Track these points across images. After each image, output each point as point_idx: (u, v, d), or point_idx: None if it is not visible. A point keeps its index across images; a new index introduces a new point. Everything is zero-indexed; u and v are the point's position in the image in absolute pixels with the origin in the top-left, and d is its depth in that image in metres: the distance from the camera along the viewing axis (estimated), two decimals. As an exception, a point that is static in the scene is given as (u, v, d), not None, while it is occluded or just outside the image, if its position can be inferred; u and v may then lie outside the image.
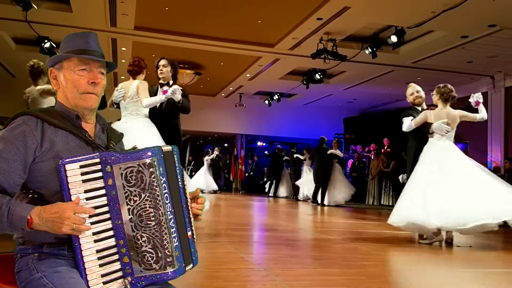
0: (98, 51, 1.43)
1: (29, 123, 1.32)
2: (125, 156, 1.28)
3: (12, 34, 10.26)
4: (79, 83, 1.39)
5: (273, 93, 15.19)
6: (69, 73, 1.40)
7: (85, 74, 1.39)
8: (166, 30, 9.49)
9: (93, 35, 1.46)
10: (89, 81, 1.39)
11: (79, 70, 1.39)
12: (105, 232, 1.28)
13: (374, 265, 3.70)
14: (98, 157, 1.28)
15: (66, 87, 1.40)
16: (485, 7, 7.30)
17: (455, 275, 3.39)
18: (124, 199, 1.27)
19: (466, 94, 13.54)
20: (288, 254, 3.97)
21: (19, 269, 1.32)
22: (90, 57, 1.39)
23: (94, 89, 1.40)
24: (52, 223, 1.21)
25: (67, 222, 1.20)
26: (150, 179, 1.27)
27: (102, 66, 1.43)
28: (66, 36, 1.47)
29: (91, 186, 1.27)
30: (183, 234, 1.36)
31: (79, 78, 1.39)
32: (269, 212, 9.40)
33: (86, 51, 1.40)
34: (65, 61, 1.41)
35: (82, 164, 1.27)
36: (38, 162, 1.32)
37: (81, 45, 1.41)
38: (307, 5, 7.86)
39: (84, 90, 1.39)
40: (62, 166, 1.25)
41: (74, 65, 1.39)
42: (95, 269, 1.26)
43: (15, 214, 1.22)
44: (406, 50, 9.88)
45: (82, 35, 1.44)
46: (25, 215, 1.22)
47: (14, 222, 1.22)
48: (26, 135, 1.30)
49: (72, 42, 1.43)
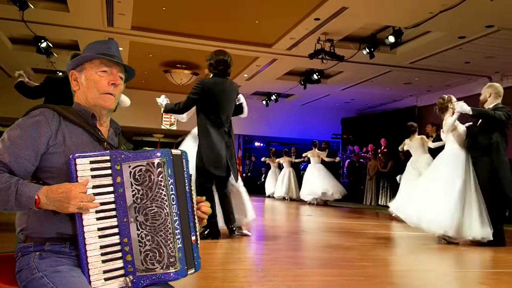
0: (119, 57, 1.50)
1: (46, 114, 1.37)
2: (134, 155, 1.31)
3: (8, 33, 10.21)
4: (100, 83, 1.45)
5: (271, 93, 15.18)
6: (90, 74, 1.46)
7: (105, 76, 1.46)
8: (163, 30, 9.47)
9: (114, 42, 1.54)
10: (109, 82, 1.45)
11: (101, 71, 1.46)
12: (110, 229, 1.29)
13: (372, 265, 3.69)
14: (108, 155, 1.31)
15: (87, 87, 1.46)
16: (483, 8, 7.31)
17: (454, 275, 3.38)
18: (131, 197, 1.29)
19: (463, 94, 13.59)
20: (286, 255, 3.96)
21: (20, 268, 1.32)
22: (112, 59, 1.46)
23: (114, 90, 1.46)
24: (59, 202, 1.23)
25: (74, 202, 1.22)
26: (158, 179, 1.29)
27: (121, 71, 1.50)
28: (88, 43, 1.54)
29: (100, 182, 1.29)
30: (187, 237, 1.37)
31: (100, 78, 1.45)
32: (267, 212, 9.39)
33: (108, 55, 1.47)
34: (87, 63, 1.47)
35: (92, 159, 1.29)
36: (50, 153, 1.35)
37: (104, 50, 1.48)
38: (304, 6, 7.85)
39: (104, 91, 1.45)
40: (72, 160, 1.28)
41: (96, 66, 1.46)
42: (98, 265, 1.27)
43: (23, 194, 1.25)
44: (404, 50, 9.89)
45: (105, 42, 1.53)
46: (32, 195, 1.24)
47: (22, 202, 1.25)
48: (41, 124, 1.35)
49: (96, 47, 1.51)
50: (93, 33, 9.27)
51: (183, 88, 14.10)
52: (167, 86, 14.14)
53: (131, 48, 10.67)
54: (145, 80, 14.11)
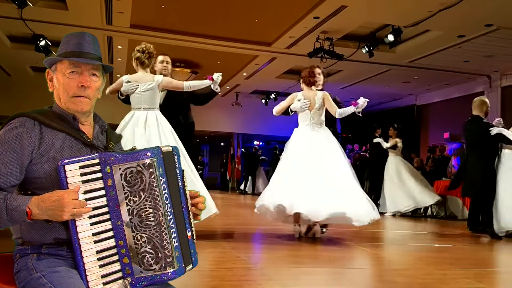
0: (92, 52, 1.41)
1: (26, 125, 1.32)
2: (124, 156, 1.28)
3: (7, 32, 10.19)
4: (69, 86, 1.38)
5: (270, 92, 15.17)
6: (61, 76, 1.39)
7: (75, 77, 1.38)
8: (163, 28, 9.45)
9: (87, 35, 1.43)
10: (78, 84, 1.37)
11: (70, 73, 1.38)
12: (105, 233, 1.28)
13: (371, 264, 3.70)
14: (97, 158, 1.29)
15: (59, 89, 1.40)
16: (482, 7, 7.30)
17: (453, 274, 3.38)
18: (123, 200, 1.28)
19: (462, 93, 13.59)
20: (285, 254, 3.95)
21: (18, 269, 1.32)
22: (78, 60, 1.37)
23: (85, 92, 1.38)
24: (52, 211, 1.21)
25: (67, 209, 1.20)
26: (150, 179, 1.27)
27: (94, 68, 1.40)
28: (65, 35, 1.45)
29: (91, 186, 1.27)
30: (182, 234, 1.36)
31: (69, 81, 1.38)
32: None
33: (77, 53, 1.38)
34: (59, 63, 1.40)
35: (81, 164, 1.27)
36: (35, 164, 1.31)
37: (74, 47, 1.39)
38: (304, 4, 7.85)
39: (74, 94, 1.38)
40: (62, 167, 1.25)
41: (65, 67, 1.38)
42: (95, 270, 1.26)
43: (13, 208, 1.22)
44: (403, 49, 9.89)
45: (76, 36, 1.42)
46: (23, 208, 1.21)
47: (14, 216, 1.22)
48: (22, 136, 1.30)
49: (66, 43, 1.42)
50: (91, 31, 9.12)
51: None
52: (166, 84, 14.12)
53: (130, 47, 10.64)
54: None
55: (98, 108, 1.48)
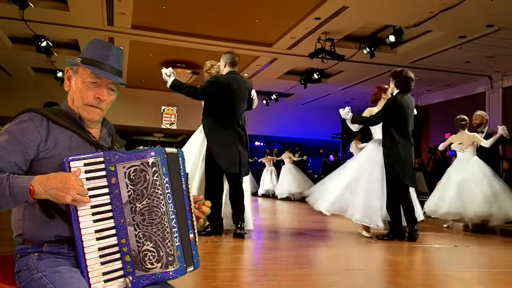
0: (115, 67, 1.44)
1: (34, 119, 1.34)
2: (128, 155, 1.30)
3: (8, 33, 10.20)
4: (86, 94, 1.41)
5: (271, 92, 15.17)
6: (80, 82, 1.42)
7: (93, 87, 1.41)
8: (164, 29, 9.46)
9: (115, 48, 1.46)
10: (95, 95, 1.41)
11: (90, 82, 1.40)
12: (107, 231, 1.29)
13: (372, 264, 3.69)
14: (102, 156, 1.30)
15: (75, 93, 1.43)
16: (483, 7, 7.30)
17: (453, 275, 3.38)
18: (127, 198, 1.29)
19: (464, 94, 13.58)
20: (286, 254, 3.95)
21: (19, 269, 1.31)
22: (102, 74, 1.40)
23: (99, 104, 1.42)
24: (56, 191, 1.21)
25: (72, 192, 1.21)
26: (153, 178, 1.28)
27: (114, 83, 1.44)
28: (93, 39, 1.48)
29: (95, 184, 1.28)
30: (185, 235, 1.37)
31: (87, 89, 1.41)
32: (265, 211, 9.38)
33: (100, 65, 1.40)
34: (81, 67, 1.42)
35: (86, 162, 1.29)
36: (41, 159, 1.33)
37: (99, 57, 1.42)
38: (305, 5, 7.85)
39: (88, 103, 1.41)
40: (66, 163, 1.27)
41: (87, 75, 1.41)
42: (97, 267, 1.26)
43: (16, 186, 1.22)
44: (404, 50, 9.88)
45: (105, 47, 1.45)
46: (26, 185, 1.22)
47: (16, 194, 1.22)
48: (30, 130, 1.32)
49: (93, 49, 1.44)
50: (93, 32, 9.25)
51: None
52: (167, 85, 14.13)
53: (131, 47, 10.66)
54: (145, 79, 14.10)
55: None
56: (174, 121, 16.49)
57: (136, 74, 13.36)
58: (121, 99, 5.11)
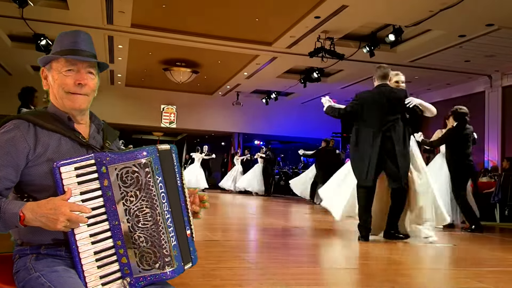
0: (88, 50, 1.40)
1: (20, 128, 1.31)
2: (120, 156, 1.27)
3: (8, 31, 10.20)
4: (65, 83, 1.37)
5: (271, 91, 15.17)
6: (56, 74, 1.38)
7: (72, 75, 1.37)
8: (163, 28, 9.46)
9: (82, 33, 1.43)
10: (75, 82, 1.37)
11: (66, 70, 1.37)
12: (102, 234, 1.27)
13: (371, 263, 3.70)
14: (93, 158, 1.27)
15: (54, 87, 1.39)
16: (483, 6, 7.30)
17: (453, 273, 3.38)
18: (120, 200, 1.27)
19: (463, 93, 13.59)
20: (285, 253, 3.95)
21: (17, 269, 1.32)
22: (75, 58, 1.36)
23: (81, 90, 1.38)
24: (46, 218, 1.18)
25: (62, 219, 1.18)
26: (146, 179, 1.26)
27: (91, 66, 1.40)
28: (58, 34, 1.45)
29: (87, 187, 1.26)
30: (181, 233, 1.36)
31: (65, 78, 1.37)
32: (265, 210, 9.38)
33: (73, 51, 1.37)
34: (54, 61, 1.39)
35: (77, 166, 1.25)
36: (31, 166, 1.30)
37: (69, 45, 1.39)
38: (304, 4, 7.84)
39: (70, 91, 1.37)
40: (57, 169, 1.23)
41: (61, 66, 1.37)
42: (94, 271, 1.25)
43: (6, 212, 1.20)
44: (404, 49, 9.88)
45: (72, 34, 1.42)
46: (16, 211, 1.19)
47: (7, 220, 1.20)
48: (17, 139, 1.29)
49: (61, 42, 1.41)
50: (92, 30, 9.24)
51: (183, 86, 14.12)
52: (166, 84, 14.13)
53: (131, 46, 10.66)
54: (144, 78, 14.09)
55: (96, 108, 1.49)
56: (174, 120, 16.48)
57: (135, 73, 13.35)
58: (120, 98, 5.10)
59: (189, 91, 15.84)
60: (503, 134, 11.41)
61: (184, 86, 14.16)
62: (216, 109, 16.90)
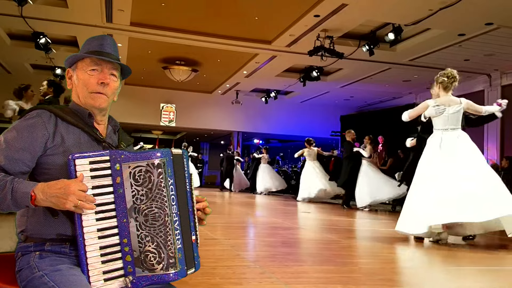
0: (112, 53, 1.47)
1: (42, 116, 1.36)
2: (134, 155, 1.30)
3: (7, 29, 10.18)
4: (89, 82, 1.43)
5: (270, 90, 15.16)
6: (81, 73, 1.44)
7: (95, 74, 1.43)
8: (163, 26, 9.45)
9: (109, 38, 1.51)
10: (98, 81, 1.43)
11: (90, 70, 1.44)
12: (109, 230, 1.29)
13: (370, 262, 3.70)
14: (108, 155, 1.30)
15: (78, 86, 1.45)
16: (482, 5, 7.30)
17: (452, 273, 3.39)
18: (131, 198, 1.29)
19: (462, 92, 13.60)
20: (285, 252, 3.96)
21: (20, 268, 1.32)
22: (101, 58, 1.43)
23: (104, 89, 1.44)
24: (56, 198, 1.22)
25: (72, 198, 1.21)
26: (158, 179, 1.28)
27: (114, 68, 1.46)
28: (86, 39, 1.52)
29: (99, 182, 1.28)
30: (187, 237, 1.37)
31: (89, 77, 1.43)
32: (265, 209, 9.39)
33: (99, 52, 1.44)
34: (79, 61, 1.46)
35: (92, 160, 1.29)
36: (48, 155, 1.35)
37: (95, 47, 1.46)
38: (304, 2, 7.84)
39: (93, 90, 1.43)
40: (72, 161, 1.27)
41: (86, 65, 1.44)
42: (97, 265, 1.26)
43: (18, 191, 1.24)
44: (403, 47, 9.88)
45: (99, 38, 1.50)
46: (28, 191, 1.23)
47: (18, 199, 1.24)
48: (37, 126, 1.34)
49: (88, 44, 1.49)
50: (92, 29, 9.25)
51: (182, 85, 14.11)
52: (166, 82, 14.13)
53: (130, 44, 10.65)
54: (144, 77, 14.08)
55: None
56: (173, 118, 16.47)
57: (134, 71, 13.28)
58: (119, 96, 5.09)
59: (188, 90, 15.83)
60: (502, 133, 11.43)
61: (183, 85, 14.16)
62: (216, 108, 16.90)
